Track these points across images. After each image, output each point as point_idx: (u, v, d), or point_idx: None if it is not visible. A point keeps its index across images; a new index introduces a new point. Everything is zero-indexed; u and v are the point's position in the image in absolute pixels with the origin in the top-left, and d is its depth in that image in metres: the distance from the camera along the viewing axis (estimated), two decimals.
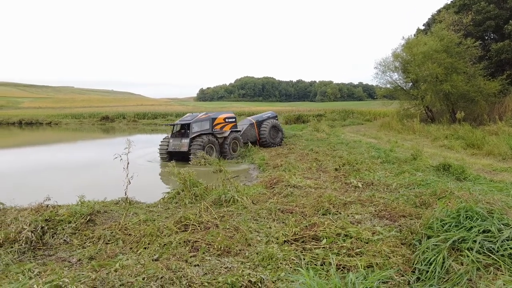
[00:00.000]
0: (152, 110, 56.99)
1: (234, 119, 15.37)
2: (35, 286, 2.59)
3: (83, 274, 3.27)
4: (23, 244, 4.50)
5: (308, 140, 17.06)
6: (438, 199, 5.69)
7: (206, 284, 3.27)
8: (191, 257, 4.01)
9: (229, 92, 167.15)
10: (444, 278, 3.16)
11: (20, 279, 3.18)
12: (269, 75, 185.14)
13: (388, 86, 25.13)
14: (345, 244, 4.05)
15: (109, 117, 47.89)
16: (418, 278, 3.35)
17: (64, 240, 4.83)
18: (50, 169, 13.23)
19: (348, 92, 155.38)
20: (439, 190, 6.17)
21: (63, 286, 2.66)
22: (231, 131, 14.83)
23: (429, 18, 28.40)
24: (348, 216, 5.30)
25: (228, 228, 4.86)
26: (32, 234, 4.65)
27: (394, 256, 3.76)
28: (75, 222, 5.21)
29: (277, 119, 17.76)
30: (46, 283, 2.64)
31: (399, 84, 24.68)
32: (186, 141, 13.58)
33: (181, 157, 13.52)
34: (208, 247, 4.25)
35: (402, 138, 18.06)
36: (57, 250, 4.60)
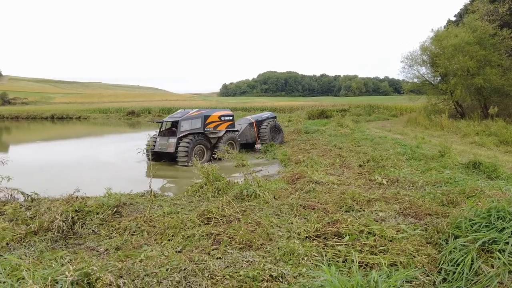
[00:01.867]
0: (177, 105, 57.91)
1: (231, 117, 13.98)
2: (66, 272, 2.71)
3: (110, 264, 3.39)
4: (55, 233, 4.73)
5: (332, 135, 16.81)
6: (467, 198, 5.49)
7: (228, 277, 3.31)
8: (213, 249, 4.07)
9: (252, 87, 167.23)
10: (472, 280, 3.06)
11: (53, 265, 3.34)
12: (292, 70, 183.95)
13: (415, 80, 24.34)
14: (368, 242, 3.98)
15: (135, 112, 49.09)
16: (444, 279, 3.25)
17: (93, 230, 5.03)
18: (80, 162, 13.75)
19: (373, 87, 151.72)
20: (468, 189, 5.94)
21: (92, 274, 2.77)
22: (227, 131, 13.49)
23: (461, 9, 27.25)
24: (372, 213, 5.20)
25: (249, 222, 4.90)
26: (63, 223, 4.87)
27: (419, 255, 3.66)
28: (102, 213, 5.41)
29: (276, 120, 17.02)
30: (77, 271, 2.76)
31: (427, 78, 23.85)
32: (173, 140, 12.18)
33: (170, 158, 12.52)
34: (230, 241, 4.29)
35: (429, 134, 17.48)
36: (86, 239, 4.80)
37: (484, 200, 4.45)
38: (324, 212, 5.33)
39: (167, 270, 3.24)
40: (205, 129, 12.88)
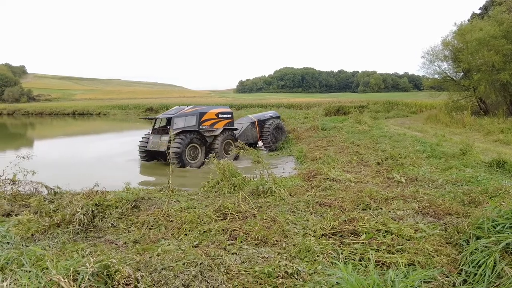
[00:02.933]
0: (194, 102, 58.48)
1: (229, 115, 13.26)
2: (87, 264, 2.80)
3: (128, 257, 3.47)
4: (76, 226, 4.87)
5: (349, 132, 16.58)
6: (490, 197, 5.33)
7: (243, 272, 3.33)
8: (229, 245, 4.11)
9: (268, 84, 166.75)
10: (494, 282, 2.96)
11: (75, 257, 3.45)
12: (309, 66, 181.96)
13: (436, 76, 23.71)
14: (385, 240, 3.93)
15: (153, 109, 49.87)
16: (464, 281, 3.17)
17: (112, 224, 5.16)
18: (99, 157, 14.11)
19: (392, 83, 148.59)
20: (491, 188, 5.76)
21: (111, 266, 2.84)
22: (224, 129, 12.75)
23: (486, 1, 26.30)
24: (390, 212, 5.12)
25: (265, 219, 4.91)
26: (84, 217, 5.02)
27: (438, 256, 3.58)
28: (121, 207, 5.54)
29: (280, 120, 16.52)
30: (97, 263, 2.84)
31: (448, 74, 23.17)
32: (165, 139, 11.60)
33: (163, 157, 12.08)
34: (246, 236, 4.32)
35: (451, 132, 17.01)
36: (106, 233, 4.93)
37: (508, 200, 4.32)
38: (341, 210, 5.28)
39: (183, 264, 3.29)
40: (200, 127, 12.21)
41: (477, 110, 21.65)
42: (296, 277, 3.29)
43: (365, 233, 4.17)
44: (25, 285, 2.64)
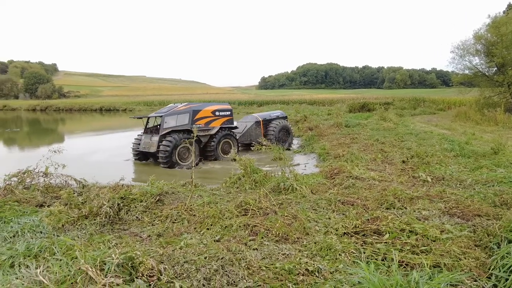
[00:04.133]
0: (217, 98, 59.12)
1: (228, 113, 12.39)
2: (113, 255, 2.90)
3: (152, 249, 3.56)
4: (103, 218, 5.06)
5: (374, 129, 16.21)
6: None
7: (264, 268, 3.35)
8: (250, 240, 4.13)
9: (291, 80, 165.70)
10: None
11: (101, 248, 3.59)
12: (333, 61, 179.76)
13: (467, 72, 22.72)
14: (409, 241, 3.82)
15: None
16: (494, 286, 3.04)
17: (136, 217, 5.31)
18: (126, 152, 14.50)
19: (419, 79, 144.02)
20: None
21: (135, 258, 2.93)
22: (221, 128, 11.97)
23: None
24: (415, 211, 4.98)
25: (286, 216, 4.90)
26: (110, 209, 5.19)
27: (465, 258, 3.46)
28: (146, 201, 5.69)
29: (286, 120, 15.60)
30: (122, 254, 2.94)
31: (480, 69, 22.17)
32: (155, 139, 11.01)
33: (154, 158, 11.56)
34: (267, 233, 4.33)
35: (481, 130, 16.30)
36: (130, 225, 5.08)
37: None
38: (364, 209, 5.19)
39: (205, 258, 3.34)
40: (194, 125, 11.35)
41: (511, 107, 20.63)
42: (317, 275, 3.27)
43: (389, 233, 4.08)
44: (56, 273, 2.77)
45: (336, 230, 4.35)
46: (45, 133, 26.01)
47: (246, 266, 3.34)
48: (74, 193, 6.17)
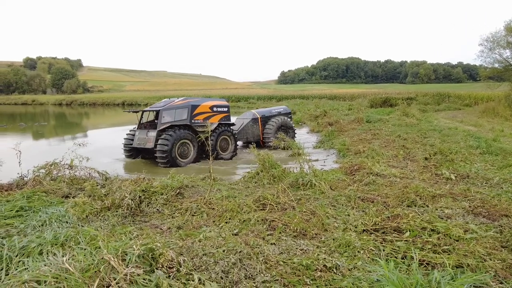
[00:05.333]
0: (236, 93, 59.21)
1: (225, 109, 11.89)
2: (134, 246, 2.98)
3: (172, 241, 3.64)
4: (125, 210, 5.20)
5: (396, 125, 15.85)
6: None
7: (282, 263, 3.36)
8: (268, 235, 4.15)
9: (311, 74, 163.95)
10: None
11: (123, 239, 3.69)
12: (354, 55, 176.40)
13: (496, 65, 21.83)
14: (431, 240, 3.74)
15: None
16: None
17: (157, 209, 5.43)
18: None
19: (444, 73, 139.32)
20: None
21: (155, 249, 3.00)
22: (219, 124, 11.45)
23: None
24: (437, 210, 4.86)
25: (304, 211, 4.88)
26: (132, 202, 5.33)
27: (491, 259, 3.35)
28: (166, 194, 5.81)
29: (290, 117, 14.71)
30: (143, 245, 3.02)
31: (511, 62, 21.19)
32: (152, 134, 10.34)
33: (149, 154, 10.83)
34: (285, 228, 4.34)
35: (511, 126, 15.63)
36: (151, 217, 5.20)
37: None
38: (384, 206, 5.10)
39: (223, 251, 3.39)
40: (192, 121, 10.88)
41: None
42: (335, 271, 3.25)
43: (409, 231, 4.00)
44: (81, 261, 2.88)
45: (355, 227, 4.30)
46: (70, 127, 26.90)
47: (263, 260, 3.36)
48: (97, 185, 6.36)
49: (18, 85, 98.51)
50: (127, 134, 11.38)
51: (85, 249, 3.27)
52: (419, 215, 4.48)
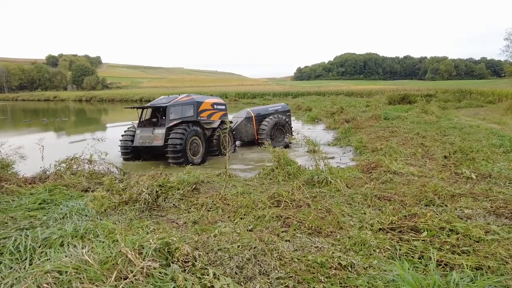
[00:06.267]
0: (251, 90, 59.31)
1: (223, 107, 11.85)
2: (150, 240, 3.04)
3: (187, 236, 3.69)
4: (142, 204, 5.31)
5: (414, 122, 15.50)
6: None
7: (296, 260, 3.36)
8: (282, 232, 4.15)
9: (328, 70, 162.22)
10: None
11: (140, 232, 3.78)
12: (372, 51, 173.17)
13: None
14: (449, 240, 3.65)
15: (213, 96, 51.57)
16: None
17: (173, 204, 5.51)
18: None
19: (466, 69, 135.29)
20: None
21: (171, 244, 3.05)
22: (222, 121, 11.29)
23: None
24: (456, 209, 4.74)
25: (319, 209, 4.86)
26: (149, 196, 5.43)
27: None
28: (182, 189, 5.88)
29: (288, 115, 14.12)
30: (159, 239, 3.07)
31: None
32: (160, 131, 9.87)
33: (153, 154, 10.36)
34: (299, 225, 4.33)
35: None
36: (168, 212, 5.28)
37: None
38: (401, 205, 5.02)
39: (238, 246, 3.41)
40: (199, 117, 10.69)
41: None
42: (350, 269, 3.22)
43: (427, 230, 3.92)
44: (99, 253, 2.96)
45: (371, 226, 4.25)
46: (90, 123, 27.56)
47: (278, 257, 3.36)
48: (115, 180, 6.51)
49: (41, 82, 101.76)
50: (124, 133, 10.54)
51: (103, 242, 3.36)
52: (437, 214, 4.38)
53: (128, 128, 10.73)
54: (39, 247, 3.46)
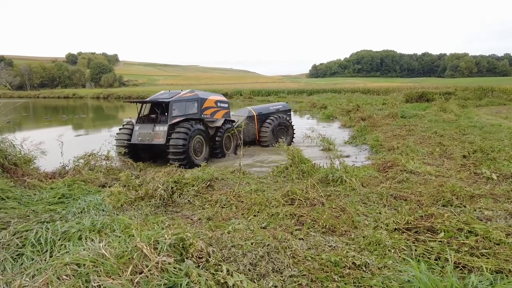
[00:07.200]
0: (266, 87, 59.22)
1: (226, 105, 11.21)
2: (165, 235, 3.09)
3: (201, 232, 3.72)
4: (157, 200, 5.39)
5: (432, 121, 15.15)
6: None
7: (310, 258, 3.34)
8: (296, 230, 4.14)
9: (343, 68, 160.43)
10: None
11: (155, 228, 3.83)
12: (389, 48, 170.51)
13: None
14: (468, 242, 3.56)
15: (228, 94, 51.82)
16: None
17: (188, 200, 5.57)
18: None
19: (488, 66, 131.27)
20: None
21: (186, 239, 3.09)
22: (226, 120, 10.73)
23: None
24: (475, 210, 4.62)
25: (334, 208, 4.82)
26: (164, 192, 5.51)
27: None
28: (197, 186, 5.94)
29: (289, 114, 13.60)
30: (174, 235, 3.11)
31: None
32: (162, 128, 9.07)
33: (152, 153, 9.60)
34: (313, 223, 4.30)
35: None
36: (182, 208, 5.35)
37: None
38: (418, 205, 4.92)
39: (251, 244, 3.42)
40: (202, 115, 9.99)
41: None
42: (364, 269, 3.19)
43: (444, 231, 3.83)
44: (116, 248, 3.02)
45: (387, 225, 4.19)
46: (107, 119, 28.11)
47: (291, 255, 3.36)
48: (132, 175, 6.62)
49: (61, 79, 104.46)
50: (120, 130, 9.67)
51: (119, 237, 3.43)
52: (455, 215, 4.28)
53: (124, 124, 9.86)
54: (59, 240, 3.56)
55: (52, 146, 7.98)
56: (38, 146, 7.54)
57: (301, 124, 17.05)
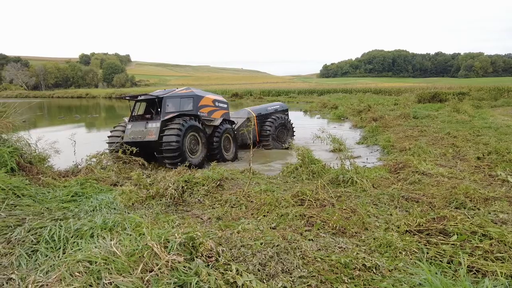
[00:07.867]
0: (276, 87, 59.20)
1: (225, 105, 10.79)
2: (176, 234, 3.11)
3: (211, 231, 3.74)
4: (168, 199, 5.44)
5: (445, 122, 14.91)
6: None
7: (319, 259, 3.32)
8: (305, 231, 4.12)
9: (355, 67, 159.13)
10: None
11: (166, 227, 3.86)
12: (401, 48, 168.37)
13: None
14: (481, 245, 3.48)
15: (238, 94, 52.03)
16: None
17: (198, 200, 5.61)
18: None
19: (504, 66, 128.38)
20: None
21: (196, 238, 3.11)
22: (224, 120, 10.34)
23: None
24: (490, 213, 4.52)
25: (344, 209, 4.78)
26: (175, 191, 5.55)
27: None
28: (207, 185, 5.97)
29: (287, 114, 13.46)
30: (184, 234, 3.13)
31: None
32: (155, 125, 8.56)
33: (146, 152, 8.82)
34: (323, 224, 4.28)
35: None
36: (193, 207, 5.38)
37: None
38: (430, 207, 4.85)
39: (261, 244, 3.42)
40: (199, 113, 9.56)
41: None
42: (375, 271, 3.16)
43: (457, 234, 3.76)
44: (126, 246, 3.06)
45: (398, 227, 4.13)
46: (119, 119, 28.47)
47: (301, 256, 3.34)
48: (143, 175, 6.70)
49: (75, 79, 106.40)
50: (114, 128, 9.39)
51: (130, 235, 3.47)
52: (468, 218, 4.20)
53: (118, 124, 9.57)
54: (72, 237, 3.62)
55: (66, 145, 8.12)
56: (52, 145, 7.69)
57: (311, 124, 16.98)
